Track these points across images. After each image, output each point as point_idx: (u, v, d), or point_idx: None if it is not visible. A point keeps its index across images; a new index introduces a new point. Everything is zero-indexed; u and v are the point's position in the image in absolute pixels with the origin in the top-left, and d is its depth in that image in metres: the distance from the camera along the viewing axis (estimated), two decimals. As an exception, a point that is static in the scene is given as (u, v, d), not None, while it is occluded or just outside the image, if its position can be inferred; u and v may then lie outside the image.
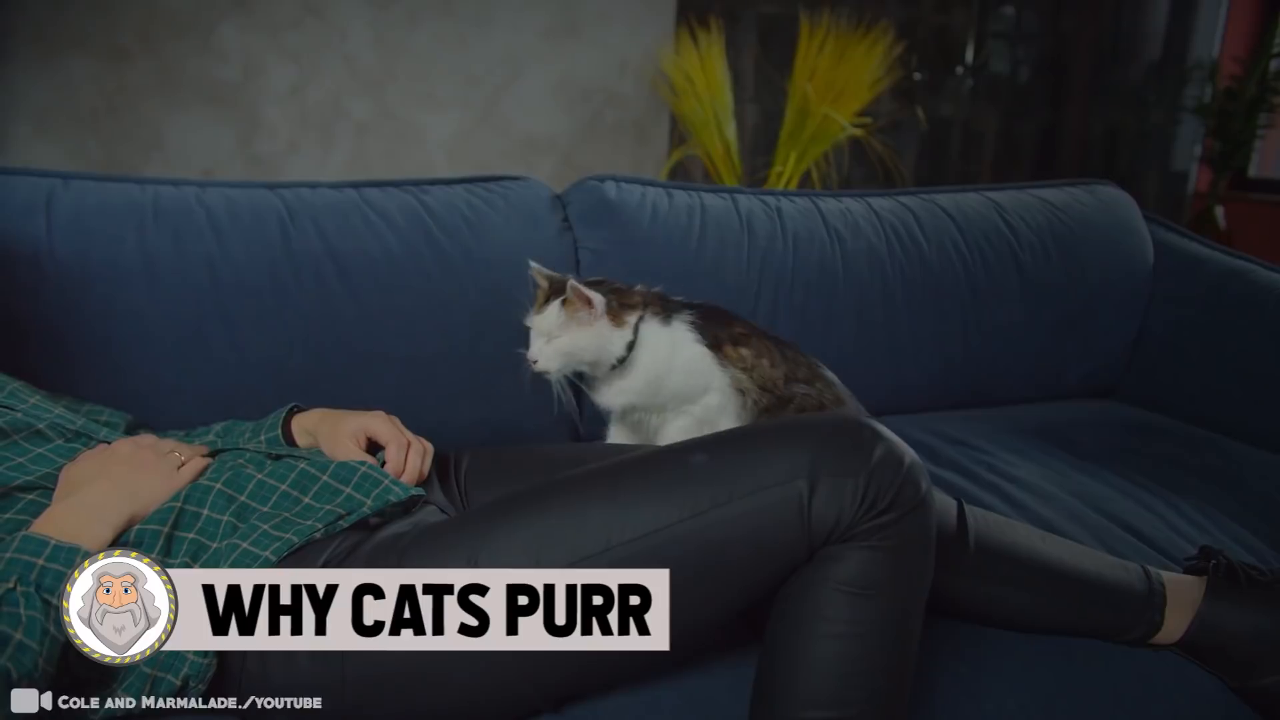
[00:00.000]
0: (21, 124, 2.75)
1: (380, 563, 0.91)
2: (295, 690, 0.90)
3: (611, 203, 1.57)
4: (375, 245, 1.40)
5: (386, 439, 1.10)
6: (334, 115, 3.09)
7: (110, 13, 2.78)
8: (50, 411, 1.06)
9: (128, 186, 1.35)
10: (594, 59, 3.35)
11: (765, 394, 1.32)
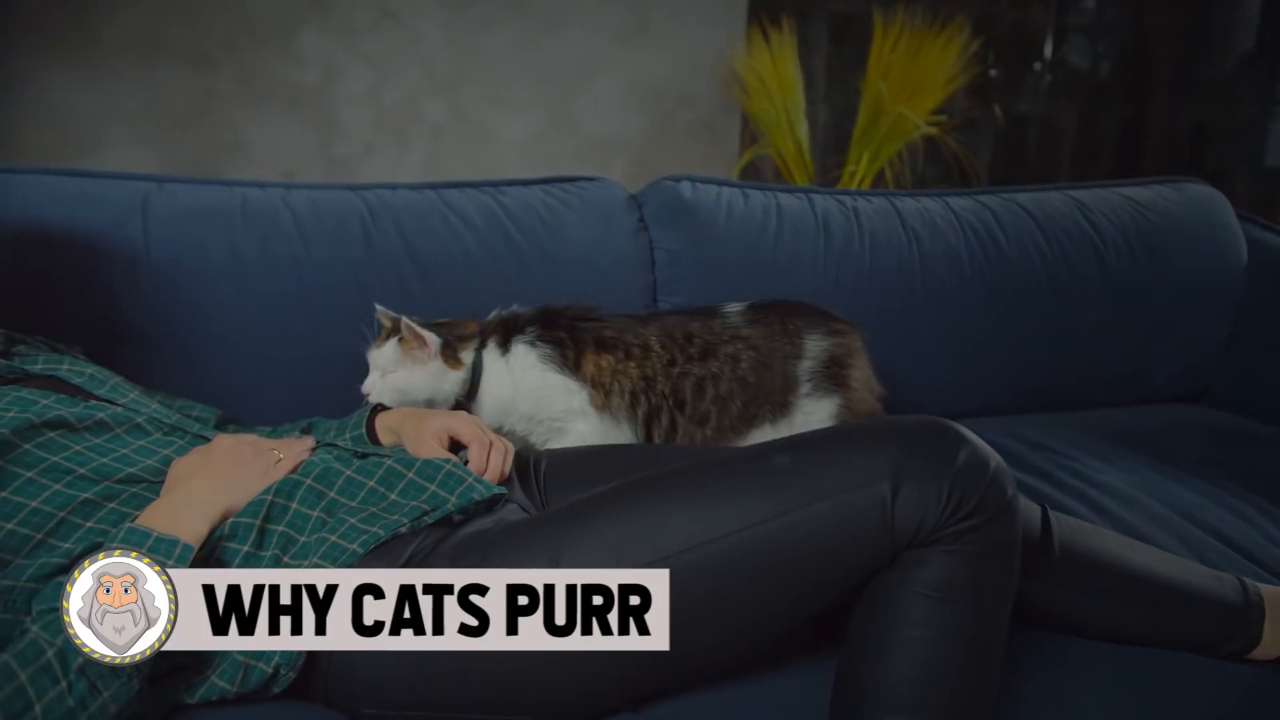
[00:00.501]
0: (116, 128, 2.86)
1: (463, 559, 0.93)
2: (378, 681, 0.92)
3: (687, 203, 1.57)
4: (454, 245, 1.42)
5: (469, 438, 1.12)
6: (409, 117, 3.14)
7: (198, 22, 2.87)
8: (148, 406, 1.10)
9: (217, 189, 1.39)
10: (666, 59, 3.35)
11: (647, 393, 1.27)
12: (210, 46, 2.89)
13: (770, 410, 1.31)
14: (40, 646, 0.78)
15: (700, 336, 1.30)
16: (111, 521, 0.93)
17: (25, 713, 0.75)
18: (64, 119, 2.81)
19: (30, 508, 0.90)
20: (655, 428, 1.29)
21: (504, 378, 1.27)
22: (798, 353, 1.32)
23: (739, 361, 1.29)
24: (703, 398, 1.28)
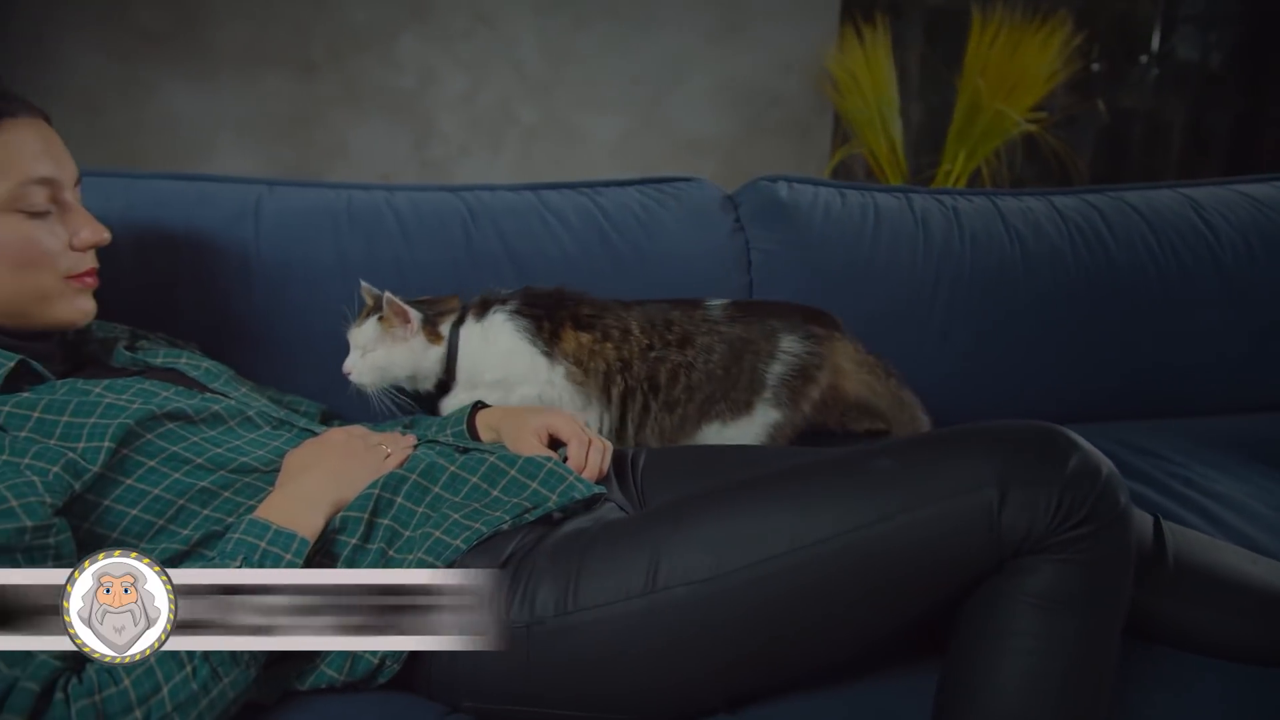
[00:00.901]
0: (225, 134, 2.97)
1: (563, 558, 0.94)
2: (479, 675, 0.93)
3: (784, 203, 1.56)
4: (552, 246, 1.43)
5: (568, 436, 1.13)
6: (503, 120, 3.19)
7: (302, 30, 2.97)
8: (258, 400, 1.14)
9: (324, 191, 1.43)
10: (757, 59, 3.33)
11: (615, 376, 1.26)
12: (314, 54, 2.99)
13: (730, 408, 1.30)
14: None
15: (680, 325, 1.30)
16: (226, 510, 0.97)
17: (154, 694, 0.79)
18: (177, 125, 2.94)
19: (152, 495, 0.94)
20: (630, 410, 1.28)
21: (477, 342, 1.27)
22: (771, 352, 1.30)
23: (712, 353, 1.29)
24: (675, 385, 1.28)
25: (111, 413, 0.95)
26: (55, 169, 1.03)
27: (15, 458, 0.89)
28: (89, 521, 0.92)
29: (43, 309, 1.04)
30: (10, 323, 1.03)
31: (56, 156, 1.04)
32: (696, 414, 1.29)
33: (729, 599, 0.89)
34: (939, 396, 1.60)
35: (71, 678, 0.78)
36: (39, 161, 1.01)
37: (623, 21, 3.21)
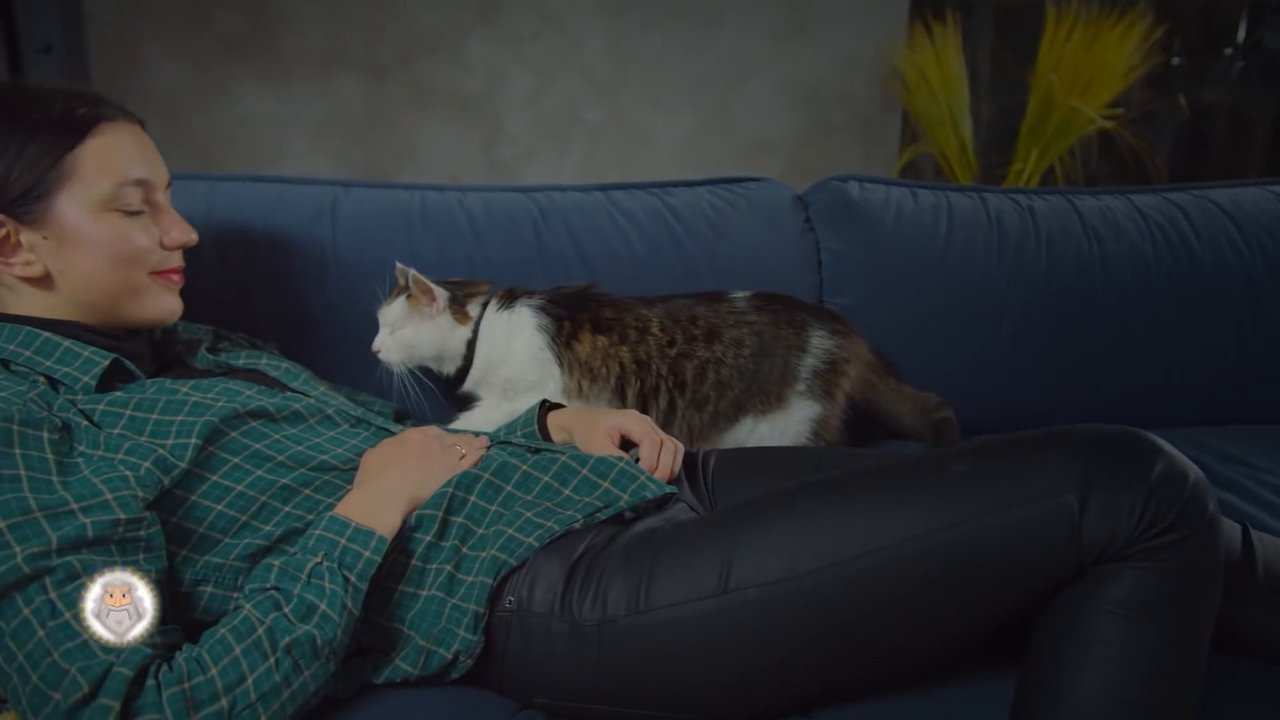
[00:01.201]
0: (298, 137, 3.04)
1: (635, 557, 0.94)
2: (550, 673, 0.94)
3: (855, 203, 1.54)
4: (621, 246, 1.44)
5: (640, 437, 1.13)
6: (569, 121, 3.21)
7: (373, 35, 3.02)
8: (336, 400, 1.16)
9: (398, 193, 1.46)
10: (823, 58, 3.30)
11: (639, 374, 1.26)
12: (384, 57, 3.04)
13: (762, 401, 1.29)
14: (252, 624, 0.84)
15: (705, 319, 1.29)
16: (307, 507, 0.99)
17: (239, 683, 0.81)
18: (252, 128, 3.01)
19: (236, 491, 0.97)
20: (653, 409, 1.28)
21: (499, 332, 1.28)
22: (802, 345, 1.29)
23: (742, 346, 1.28)
24: (704, 381, 1.27)
25: (198, 411, 0.98)
26: (149, 171, 1.07)
27: (110, 453, 0.92)
28: (177, 516, 0.94)
29: (133, 305, 1.08)
30: (102, 320, 1.07)
31: (150, 160, 1.08)
32: (731, 409, 1.28)
33: (801, 601, 0.88)
34: (1012, 400, 1.57)
35: (162, 665, 0.81)
36: (135, 164, 1.05)
37: (689, 22, 3.21)
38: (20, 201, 1.00)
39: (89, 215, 1.02)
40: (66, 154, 1.01)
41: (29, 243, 1.02)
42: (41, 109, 1.02)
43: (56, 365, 1.01)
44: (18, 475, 0.86)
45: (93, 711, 0.77)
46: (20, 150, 1.00)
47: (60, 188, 1.01)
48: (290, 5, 2.96)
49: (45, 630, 0.80)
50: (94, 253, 1.03)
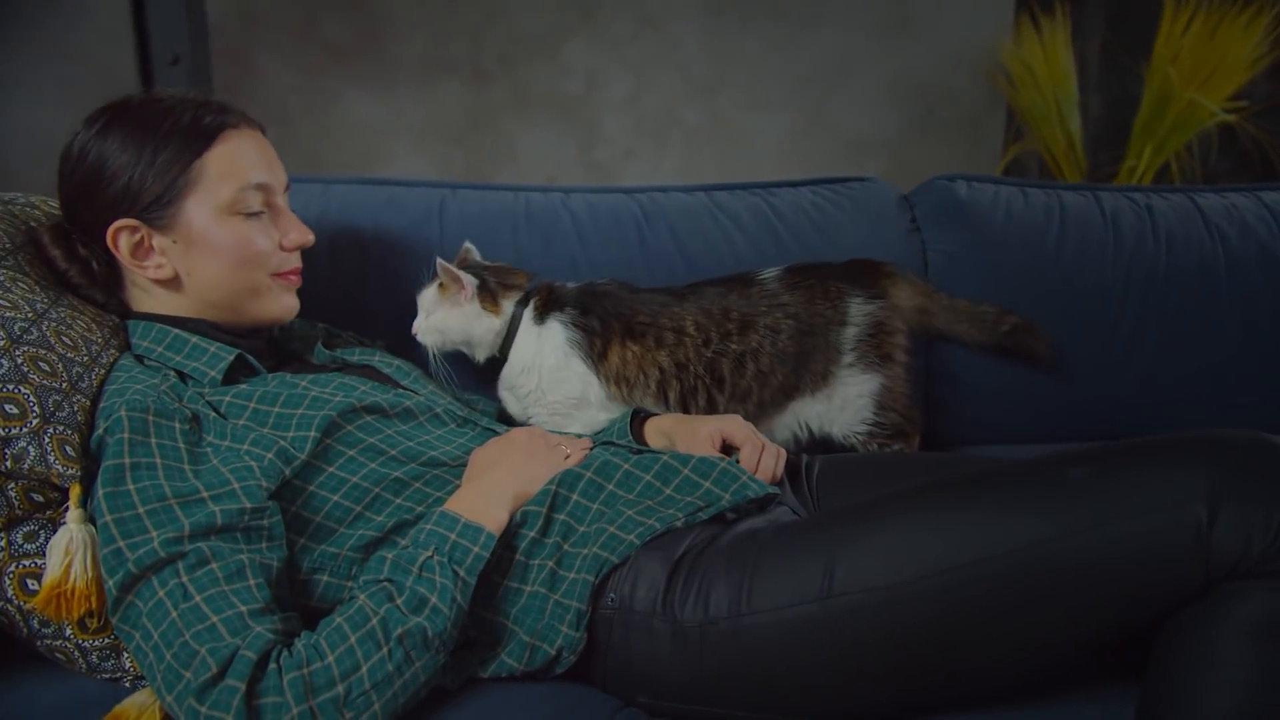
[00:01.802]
0: (402, 141, 3.12)
1: (738, 558, 0.93)
2: (654, 671, 0.94)
3: (962, 203, 1.51)
4: (724, 246, 1.44)
5: (741, 440, 1.13)
6: (667, 122, 3.22)
7: (476, 39, 3.08)
8: (443, 398, 1.19)
9: (504, 194, 1.48)
10: (926, 54, 3.24)
11: (671, 379, 1.24)
12: (486, 62, 3.10)
13: (811, 382, 1.27)
14: (367, 614, 0.86)
15: (738, 310, 1.27)
16: (417, 500, 1.01)
17: (354, 671, 0.83)
18: (359, 133, 3.10)
19: (351, 482, 1.00)
20: (692, 408, 1.27)
21: (531, 347, 1.28)
22: (841, 318, 1.26)
23: (779, 333, 1.25)
24: (743, 374, 1.25)
25: (317, 405, 1.02)
26: (270, 175, 1.11)
27: (235, 444, 0.96)
28: (296, 505, 0.98)
29: (253, 304, 1.12)
30: (225, 319, 1.11)
31: (270, 164, 1.12)
32: (779, 396, 1.27)
33: (906, 608, 0.87)
34: (1128, 404, 1.52)
35: (283, 650, 0.84)
36: (256, 169, 1.10)
37: (788, 21, 3.19)
38: (153, 207, 1.05)
39: (214, 219, 1.07)
40: (195, 160, 1.06)
41: (160, 246, 1.07)
42: (172, 118, 1.07)
43: (186, 360, 1.06)
44: (154, 463, 0.91)
45: (220, 691, 0.80)
46: (153, 159, 1.05)
47: (188, 193, 1.06)
48: (396, 13, 3.04)
49: (178, 612, 0.84)
50: (219, 255, 1.08)
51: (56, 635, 0.94)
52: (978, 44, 3.21)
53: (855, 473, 1.17)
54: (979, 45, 3.22)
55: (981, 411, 1.52)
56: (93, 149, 1.06)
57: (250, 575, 0.88)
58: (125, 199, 1.05)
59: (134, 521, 0.87)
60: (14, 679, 0.96)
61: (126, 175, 1.05)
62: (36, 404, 0.93)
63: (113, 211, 1.06)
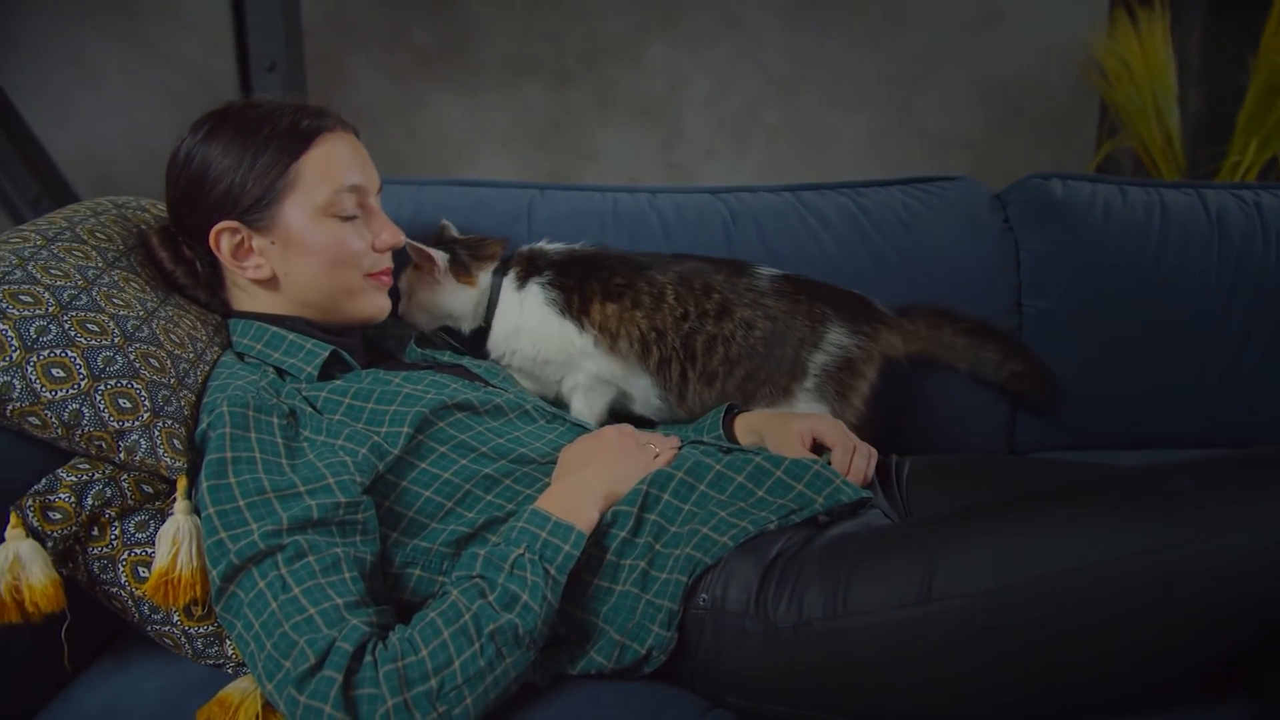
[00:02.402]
0: (487, 143, 3.17)
1: (831, 562, 0.92)
2: (743, 672, 0.94)
3: (1058, 201, 1.47)
4: (812, 247, 1.42)
5: (832, 441, 1.11)
6: (748, 122, 3.20)
7: (560, 41, 3.11)
8: (532, 397, 1.20)
9: (591, 195, 1.49)
10: (1015, 50, 3.17)
11: (650, 346, 1.22)
12: (569, 63, 3.12)
13: (770, 391, 1.24)
14: (460, 610, 0.88)
15: (720, 292, 1.24)
16: (507, 497, 1.03)
17: (447, 665, 0.84)
18: (445, 135, 3.16)
19: (443, 479, 1.02)
20: (666, 378, 1.25)
21: (514, 312, 1.27)
22: (815, 341, 1.24)
23: (752, 329, 1.23)
24: (712, 357, 1.23)
25: (410, 401, 1.04)
26: (363, 178, 1.14)
27: (331, 439, 0.98)
28: (389, 500, 1.00)
29: (347, 304, 1.15)
30: (320, 317, 1.14)
31: (364, 166, 1.15)
32: (737, 392, 1.25)
33: (1007, 615, 0.85)
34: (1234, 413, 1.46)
35: (379, 643, 0.85)
36: (350, 171, 1.12)
37: (872, 18, 3.15)
38: (252, 209, 1.09)
39: (311, 221, 1.10)
40: (292, 164, 1.09)
41: (259, 247, 1.10)
42: (270, 123, 1.10)
43: (283, 357, 1.09)
44: (254, 457, 0.94)
45: (318, 682, 0.82)
46: (253, 162, 1.08)
47: (286, 195, 1.09)
48: (481, 17, 3.08)
49: (277, 603, 0.86)
50: (314, 256, 1.11)
51: (165, 621, 0.98)
52: (1070, 38, 3.13)
53: (947, 475, 1.15)
54: (1071, 39, 3.13)
55: (1074, 416, 1.48)
56: (197, 154, 1.10)
57: (345, 568, 0.90)
58: (227, 201, 1.09)
59: (235, 514, 0.90)
60: (127, 661, 1.00)
61: (228, 179, 1.08)
62: (147, 398, 0.96)
63: (215, 214, 1.09)
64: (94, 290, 1.02)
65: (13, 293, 0.96)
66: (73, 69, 2.97)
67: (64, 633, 0.93)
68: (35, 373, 0.93)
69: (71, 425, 0.93)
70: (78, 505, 0.94)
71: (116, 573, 0.97)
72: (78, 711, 0.94)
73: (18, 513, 0.91)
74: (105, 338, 0.98)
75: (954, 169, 1.63)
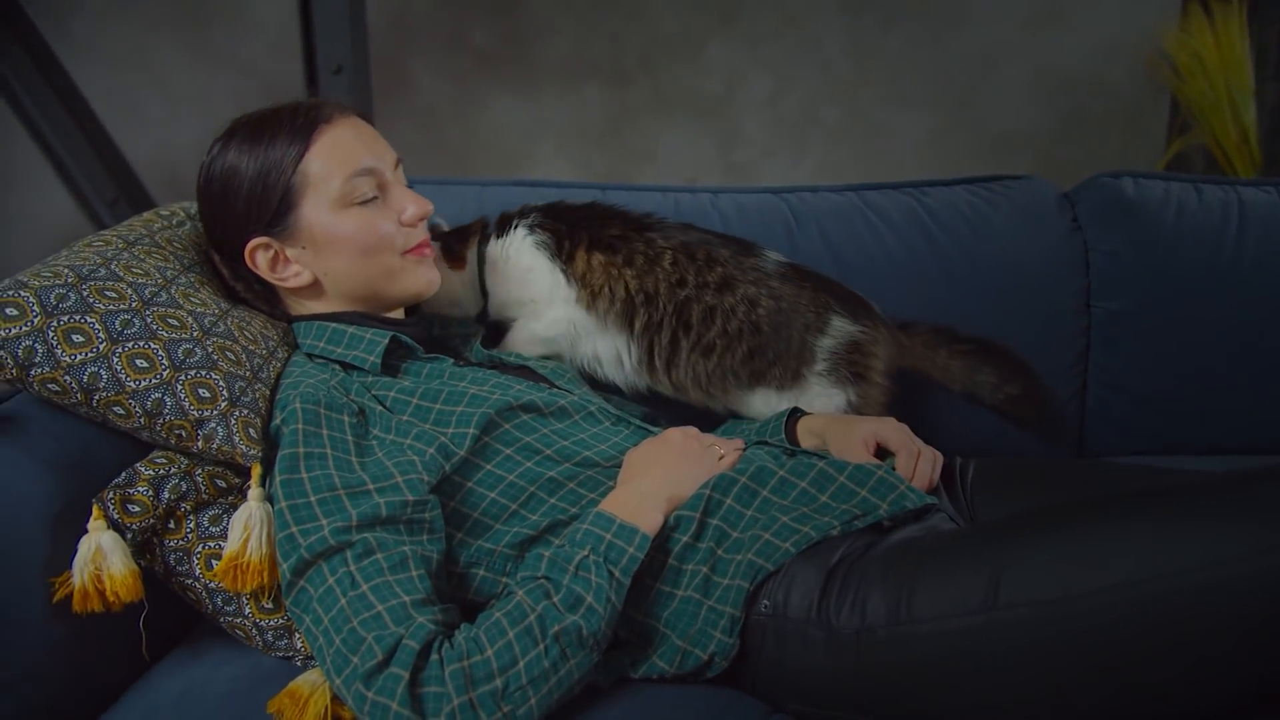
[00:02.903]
0: (545, 144, 3.18)
1: (895, 567, 0.91)
2: (806, 679, 0.93)
3: (1129, 200, 1.44)
4: (875, 247, 1.41)
5: (897, 446, 1.10)
6: (806, 122, 3.18)
7: (617, 42, 3.12)
8: (597, 398, 1.20)
9: (652, 194, 1.49)
10: (1080, 45, 3.10)
11: (636, 308, 1.19)
12: (628, 64, 3.13)
13: (780, 373, 1.22)
14: (524, 610, 0.88)
15: (724, 265, 1.22)
16: (571, 500, 1.03)
17: (512, 665, 0.85)
18: (504, 136, 3.18)
19: (508, 480, 1.02)
20: (656, 345, 1.23)
21: (498, 260, 1.25)
22: (820, 327, 1.22)
23: (756, 306, 1.21)
24: (709, 327, 1.21)
25: (476, 402, 1.05)
26: (374, 158, 1.13)
27: (399, 438, 1.00)
28: (454, 501, 1.01)
29: (392, 286, 1.15)
30: (372, 308, 1.16)
31: (372, 146, 1.14)
32: (743, 371, 1.23)
33: (1077, 624, 0.83)
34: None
35: (444, 642, 0.86)
36: (358, 155, 1.11)
37: (933, 16, 3.10)
38: (275, 221, 1.09)
39: (331, 215, 1.10)
40: (297, 164, 1.09)
41: (293, 256, 1.11)
42: (270, 130, 1.10)
43: (346, 351, 1.10)
44: (325, 454, 0.95)
45: (386, 678, 0.83)
46: (262, 175, 1.08)
47: (301, 197, 1.09)
48: (541, 19, 3.10)
49: (346, 599, 0.87)
50: (345, 249, 1.11)
51: (237, 613, 1.00)
52: (1139, 32, 3.05)
53: (1013, 479, 1.13)
54: (1140, 34, 3.05)
55: (1149, 421, 1.45)
56: (216, 172, 1.11)
57: (413, 566, 0.91)
58: (250, 217, 1.09)
59: (306, 509, 0.92)
60: (201, 651, 1.03)
61: (245, 194, 1.09)
62: (225, 389, 0.99)
63: (245, 231, 1.10)
64: (172, 289, 1.05)
65: (99, 289, 1.00)
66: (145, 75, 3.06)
67: (142, 622, 0.96)
68: (121, 363, 0.96)
69: (154, 414, 0.96)
70: (155, 498, 0.97)
71: (191, 565, 0.99)
72: (156, 697, 0.97)
73: (99, 505, 0.94)
74: (185, 331, 1.01)
75: (1015, 168, 1.61)
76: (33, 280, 0.98)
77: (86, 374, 0.95)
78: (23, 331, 0.94)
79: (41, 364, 0.94)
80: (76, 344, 0.95)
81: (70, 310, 0.96)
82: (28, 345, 0.94)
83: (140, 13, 3.00)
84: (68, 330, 0.95)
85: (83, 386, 0.95)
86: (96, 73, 2.87)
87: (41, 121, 2.32)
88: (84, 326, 0.96)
